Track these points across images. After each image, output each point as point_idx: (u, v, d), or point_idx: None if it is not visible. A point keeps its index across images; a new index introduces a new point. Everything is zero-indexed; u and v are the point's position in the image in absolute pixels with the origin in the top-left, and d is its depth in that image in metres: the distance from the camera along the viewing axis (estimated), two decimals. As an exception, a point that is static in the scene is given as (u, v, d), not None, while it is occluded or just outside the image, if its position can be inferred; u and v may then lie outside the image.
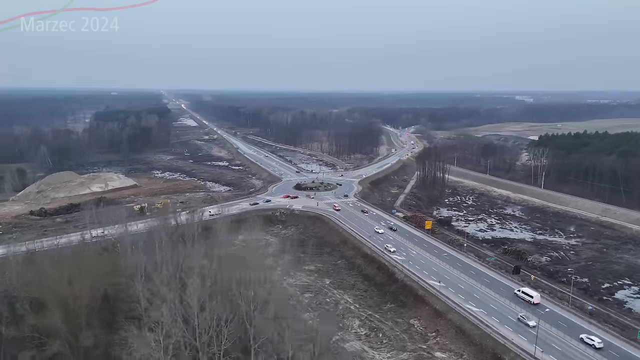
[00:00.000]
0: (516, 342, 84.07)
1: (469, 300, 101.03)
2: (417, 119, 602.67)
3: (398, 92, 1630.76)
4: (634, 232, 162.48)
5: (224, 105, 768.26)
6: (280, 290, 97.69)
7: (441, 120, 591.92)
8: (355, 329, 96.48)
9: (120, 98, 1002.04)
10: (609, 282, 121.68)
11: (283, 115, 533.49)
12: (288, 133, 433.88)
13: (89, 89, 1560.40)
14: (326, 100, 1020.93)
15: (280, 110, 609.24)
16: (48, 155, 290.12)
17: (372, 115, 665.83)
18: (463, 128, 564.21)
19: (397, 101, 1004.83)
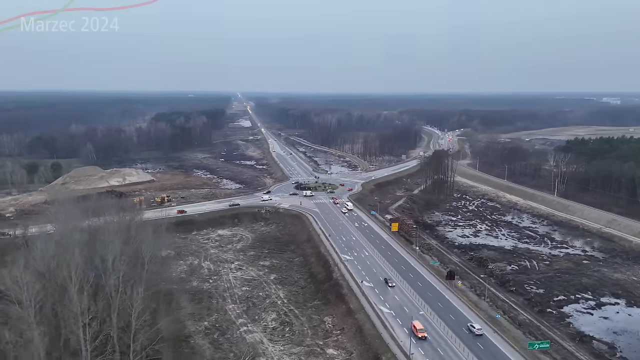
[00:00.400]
0: (402, 343, 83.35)
1: (386, 302, 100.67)
2: (470, 121, 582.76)
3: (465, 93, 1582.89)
4: (632, 245, 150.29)
5: (279, 108, 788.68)
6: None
7: (494, 123, 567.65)
8: (267, 322, 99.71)
9: (193, 100, 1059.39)
10: (564, 295, 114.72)
11: (328, 117, 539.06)
12: (326, 134, 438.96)
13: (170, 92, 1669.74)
14: (389, 102, 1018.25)
15: (329, 112, 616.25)
16: (93, 151, 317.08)
17: (424, 117, 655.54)
18: (517, 132, 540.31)
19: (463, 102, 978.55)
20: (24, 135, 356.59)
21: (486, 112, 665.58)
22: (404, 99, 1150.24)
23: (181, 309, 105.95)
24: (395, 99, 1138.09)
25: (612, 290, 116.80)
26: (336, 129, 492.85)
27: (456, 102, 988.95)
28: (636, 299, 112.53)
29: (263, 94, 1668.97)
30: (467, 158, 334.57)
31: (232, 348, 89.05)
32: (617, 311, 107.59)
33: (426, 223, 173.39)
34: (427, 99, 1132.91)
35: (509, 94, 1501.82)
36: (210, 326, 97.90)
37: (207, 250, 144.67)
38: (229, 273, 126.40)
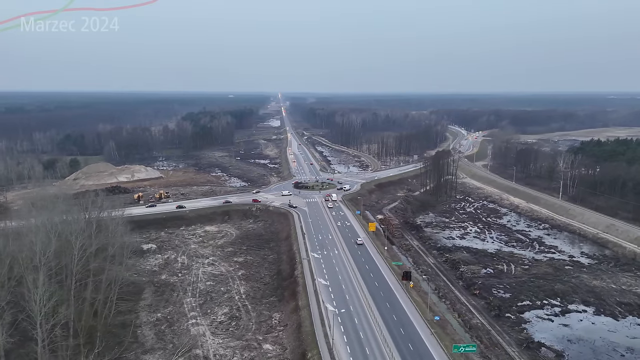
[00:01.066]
0: (333, 341, 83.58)
1: (334, 300, 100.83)
2: (499, 121, 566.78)
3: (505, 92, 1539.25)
4: (625, 252, 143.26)
5: (308, 108, 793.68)
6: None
7: (525, 123, 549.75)
8: (217, 316, 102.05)
9: (230, 100, 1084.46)
10: (530, 301, 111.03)
11: (352, 117, 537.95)
12: (347, 134, 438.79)
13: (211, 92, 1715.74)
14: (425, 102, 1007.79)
15: (357, 112, 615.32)
16: (115, 149, 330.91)
17: (454, 117, 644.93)
18: (550, 133, 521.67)
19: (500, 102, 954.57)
20: (56, 133, 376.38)
21: (518, 112, 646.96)
22: (441, 99, 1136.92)
23: (141, 300, 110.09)
24: (433, 99, 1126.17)
25: (583, 298, 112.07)
26: (360, 129, 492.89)
27: (494, 102, 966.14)
28: (606, 307, 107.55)
29: (302, 94, 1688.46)
30: (485, 159, 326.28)
31: (174, 339, 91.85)
32: (580, 319, 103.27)
33: (414, 224, 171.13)
34: (465, 99, 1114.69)
35: (555, 93, 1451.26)
36: (161, 318, 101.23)
37: (188, 245, 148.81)
38: (199, 268, 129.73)
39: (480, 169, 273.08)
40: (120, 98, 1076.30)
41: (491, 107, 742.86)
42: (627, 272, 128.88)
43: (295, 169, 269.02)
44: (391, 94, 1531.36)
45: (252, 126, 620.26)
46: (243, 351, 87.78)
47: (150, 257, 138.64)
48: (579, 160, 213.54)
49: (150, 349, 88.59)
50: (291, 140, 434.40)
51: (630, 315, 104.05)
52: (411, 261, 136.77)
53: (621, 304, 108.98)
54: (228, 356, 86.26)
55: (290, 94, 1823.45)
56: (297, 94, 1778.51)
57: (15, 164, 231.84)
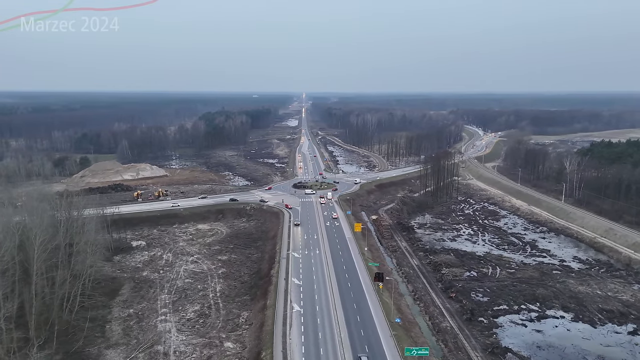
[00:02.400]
0: (291, 341, 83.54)
1: (302, 300, 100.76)
2: (519, 121, 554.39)
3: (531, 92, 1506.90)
4: (620, 257, 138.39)
5: (326, 108, 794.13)
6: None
7: (546, 124, 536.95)
8: (187, 313, 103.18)
9: (253, 100, 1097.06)
10: (508, 305, 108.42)
11: (367, 117, 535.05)
12: (360, 134, 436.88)
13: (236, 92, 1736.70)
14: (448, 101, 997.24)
15: (374, 112, 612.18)
16: (128, 147, 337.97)
17: (473, 117, 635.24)
18: (571, 134, 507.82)
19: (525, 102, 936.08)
20: (74, 132, 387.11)
21: (540, 112, 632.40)
22: (465, 99, 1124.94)
23: (118, 295, 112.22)
24: (457, 99, 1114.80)
25: (564, 303, 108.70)
26: (375, 129, 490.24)
27: (519, 102, 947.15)
28: (586, 314, 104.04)
29: (326, 94, 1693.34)
30: (497, 160, 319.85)
31: (139, 335, 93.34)
32: (556, 325, 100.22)
33: (406, 225, 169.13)
34: (489, 99, 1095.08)
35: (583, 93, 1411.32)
36: (133, 313, 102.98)
37: (176, 243, 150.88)
38: (182, 265, 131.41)
39: (488, 170, 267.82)
40: (146, 98, 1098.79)
41: (514, 108, 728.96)
42: (617, 278, 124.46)
43: (299, 169, 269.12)
44: (415, 94, 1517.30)
45: (269, 126, 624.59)
46: (203, 348, 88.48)
47: (138, 253, 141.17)
48: (585, 161, 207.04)
49: (114, 344, 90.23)
50: (303, 140, 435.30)
51: (609, 323, 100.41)
52: (395, 262, 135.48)
53: (603, 310, 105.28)
54: (188, 353, 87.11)
55: (315, 94, 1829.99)
56: (321, 94, 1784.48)
57: (27, 161, 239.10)
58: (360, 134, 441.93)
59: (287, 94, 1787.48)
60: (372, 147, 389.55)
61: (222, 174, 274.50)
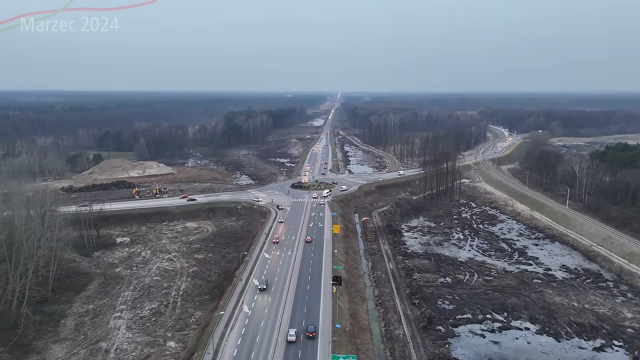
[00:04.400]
0: (226, 343, 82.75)
1: (254, 302, 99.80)
2: (549, 122, 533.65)
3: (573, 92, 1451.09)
4: (612, 267, 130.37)
5: (352, 107, 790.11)
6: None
7: (577, 125, 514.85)
8: (143, 310, 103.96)
9: (285, 100, 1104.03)
10: (472, 314, 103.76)
11: (390, 116, 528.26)
12: (378, 134, 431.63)
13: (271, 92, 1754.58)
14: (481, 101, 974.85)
15: (399, 112, 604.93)
16: (145, 146, 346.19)
17: (503, 117, 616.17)
18: (604, 135, 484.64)
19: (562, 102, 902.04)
20: (97, 130, 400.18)
21: (573, 112, 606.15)
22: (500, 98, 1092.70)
23: (84, 291, 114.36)
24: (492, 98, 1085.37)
25: (533, 314, 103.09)
26: (397, 129, 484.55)
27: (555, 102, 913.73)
28: (553, 326, 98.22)
29: (361, 93, 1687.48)
30: (515, 162, 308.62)
31: (88, 332, 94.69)
32: (517, 337, 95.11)
33: (395, 228, 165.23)
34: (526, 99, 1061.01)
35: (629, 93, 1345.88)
36: (91, 309, 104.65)
37: (160, 240, 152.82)
38: (156, 263, 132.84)
39: (498, 173, 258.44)
40: (180, 97, 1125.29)
41: (546, 108, 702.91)
42: (602, 289, 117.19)
43: (306, 169, 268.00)
44: (453, 94, 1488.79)
45: (293, 125, 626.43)
46: (145, 347, 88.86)
47: (118, 250, 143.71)
48: (596, 165, 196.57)
49: (62, 339, 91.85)
50: (322, 140, 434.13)
51: (576, 337, 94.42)
52: (370, 266, 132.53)
53: (573, 323, 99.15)
54: (128, 351, 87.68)
55: (350, 93, 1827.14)
56: (356, 93, 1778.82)
57: (41, 158, 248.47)
58: (380, 134, 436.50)
59: (322, 94, 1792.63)
60: (389, 147, 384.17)
61: (228, 173, 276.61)
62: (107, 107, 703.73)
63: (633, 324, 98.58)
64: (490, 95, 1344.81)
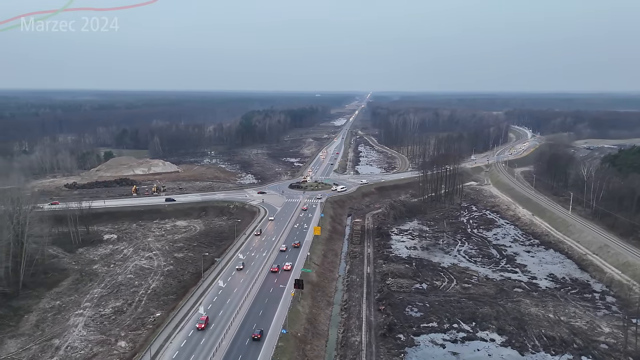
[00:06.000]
0: (170, 345, 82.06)
1: (212, 304, 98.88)
2: (576, 123, 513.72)
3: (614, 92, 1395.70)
4: (603, 277, 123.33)
5: (374, 106, 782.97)
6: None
7: (607, 126, 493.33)
8: (106, 308, 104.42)
9: (313, 99, 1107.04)
10: (438, 323, 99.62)
11: (410, 117, 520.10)
12: (395, 135, 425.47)
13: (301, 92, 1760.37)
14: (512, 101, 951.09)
15: (421, 112, 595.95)
16: (160, 144, 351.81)
17: (529, 118, 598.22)
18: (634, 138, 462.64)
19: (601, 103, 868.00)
20: (116, 128, 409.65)
21: (603, 113, 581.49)
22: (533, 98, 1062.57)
23: (57, 287, 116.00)
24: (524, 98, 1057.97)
25: (502, 325, 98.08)
26: (417, 129, 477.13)
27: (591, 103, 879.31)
28: (521, 339, 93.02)
29: (390, 93, 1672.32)
30: (530, 165, 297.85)
31: (47, 328, 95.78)
32: (478, 349, 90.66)
33: (384, 231, 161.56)
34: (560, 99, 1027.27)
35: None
36: (57, 305, 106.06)
37: (146, 238, 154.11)
38: (135, 261, 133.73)
39: (509, 175, 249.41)
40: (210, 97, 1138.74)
41: (581, 108, 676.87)
42: (585, 301, 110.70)
43: (309, 170, 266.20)
44: (482, 93, 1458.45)
45: (313, 124, 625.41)
46: (95, 346, 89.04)
47: (103, 247, 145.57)
48: (604, 169, 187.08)
49: (19, 334, 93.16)
50: (337, 139, 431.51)
51: (543, 351, 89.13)
52: (347, 269, 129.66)
53: (544, 336, 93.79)
54: (78, 349, 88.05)
55: (380, 93, 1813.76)
56: (385, 93, 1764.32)
57: (52, 155, 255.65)
58: (396, 134, 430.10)
59: (352, 93, 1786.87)
60: (404, 148, 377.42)
61: (234, 172, 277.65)
62: (134, 106, 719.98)
63: (608, 339, 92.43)
64: (523, 95, 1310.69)
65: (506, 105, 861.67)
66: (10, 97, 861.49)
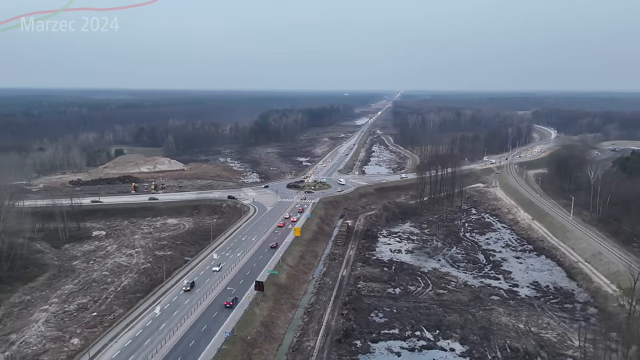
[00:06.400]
0: (114, 345, 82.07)
1: (170, 304, 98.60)
2: (605, 124, 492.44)
3: None
4: (590, 287, 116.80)
5: (397, 106, 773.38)
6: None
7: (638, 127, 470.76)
8: (70, 305, 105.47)
9: (341, 98, 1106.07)
10: (401, 329, 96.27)
11: (430, 116, 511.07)
12: (412, 135, 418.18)
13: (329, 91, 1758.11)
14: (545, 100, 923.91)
15: (445, 110, 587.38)
16: (174, 142, 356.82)
17: (556, 118, 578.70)
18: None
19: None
20: (134, 126, 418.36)
21: (635, 113, 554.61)
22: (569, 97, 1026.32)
23: (32, 282, 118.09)
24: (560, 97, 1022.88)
25: (466, 335, 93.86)
26: (436, 129, 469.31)
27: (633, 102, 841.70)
28: (483, 350, 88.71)
29: (421, 92, 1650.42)
30: (545, 167, 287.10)
31: (9, 323, 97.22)
32: (435, 358, 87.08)
33: (372, 233, 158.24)
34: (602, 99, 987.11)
35: None
36: (27, 300, 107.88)
37: (133, 235, 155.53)
38: (115, 258, 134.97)
39: (518, 177, 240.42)
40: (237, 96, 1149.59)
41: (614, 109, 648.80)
42: (564, 311, 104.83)
43: (311, 170, 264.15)
44: (516, 92, 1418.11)
45: (333, 123, 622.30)
46: (49, 342, 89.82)
47: (88, 243, 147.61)
48: (612, 173, 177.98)
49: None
50: (353, 139, 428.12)
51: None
52: (323, 272, 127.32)
53: (508, 348, 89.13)
54: (32, 344, 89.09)
55: (411, 92, 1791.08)
56: (415, 92, 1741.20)
57: (64, 153, 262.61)
58: (414, 134, 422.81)
59: (381, 92, 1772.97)
60: (419, 148, 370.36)
61: (238, 171, 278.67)
62: (159, 105, 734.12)
63: (576, 353, 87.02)
64: (562, 93, 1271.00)
65: (540, 104, 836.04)
66: (47, 95, 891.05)
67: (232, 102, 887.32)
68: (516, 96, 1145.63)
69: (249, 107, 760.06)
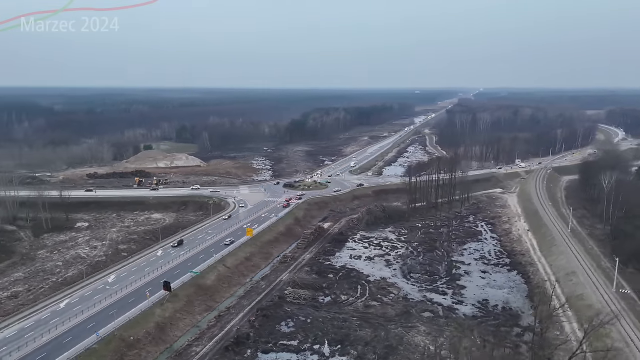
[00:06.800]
0: None
1: (78, 298, 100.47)
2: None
3: None
4: (544, 311, 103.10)
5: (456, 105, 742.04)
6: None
7: None
8: (7, 291, 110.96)
9: (410, 96, 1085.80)
10: (301, 341, 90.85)
11: (481, 116, 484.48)
12: (454, 135, 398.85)
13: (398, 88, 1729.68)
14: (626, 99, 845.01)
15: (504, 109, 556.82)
16: (208, 140, 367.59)
17: (632, 117, 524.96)
18: None
19: None
20: (176, 123, 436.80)
21: None
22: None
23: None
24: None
25: (365, 353, 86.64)
26: (487, 129, 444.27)
27: None
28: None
29: (500, 89, 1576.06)
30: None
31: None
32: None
33: (341, 237, 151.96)
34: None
35: None
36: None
37: (111, 228, 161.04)
38: (79, 249, 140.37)
39: (539, 184, 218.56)
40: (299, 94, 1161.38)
41: None
42: (494, 335, 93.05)
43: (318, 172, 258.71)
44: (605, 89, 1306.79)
45: (383, 122, 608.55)
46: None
47: (65, 234, 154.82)
48: (627, 182, 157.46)
49: None
50: (388, 138, 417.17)
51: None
52: (265, 274, 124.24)
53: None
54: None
55: (490, 89, 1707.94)
56: (495, 89, 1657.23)
57: (94, 146, 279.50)
58: (461, 134, 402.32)
59: (456, 90, 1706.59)
60: (460, 149, 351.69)
61: (256, 168, 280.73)
62: (211, 103, 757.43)
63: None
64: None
65: (618, 102, 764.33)
66: (110, 94, 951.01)
67: (288, 100, 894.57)
68: (605, 94, 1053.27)
69: (302, 106, 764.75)
